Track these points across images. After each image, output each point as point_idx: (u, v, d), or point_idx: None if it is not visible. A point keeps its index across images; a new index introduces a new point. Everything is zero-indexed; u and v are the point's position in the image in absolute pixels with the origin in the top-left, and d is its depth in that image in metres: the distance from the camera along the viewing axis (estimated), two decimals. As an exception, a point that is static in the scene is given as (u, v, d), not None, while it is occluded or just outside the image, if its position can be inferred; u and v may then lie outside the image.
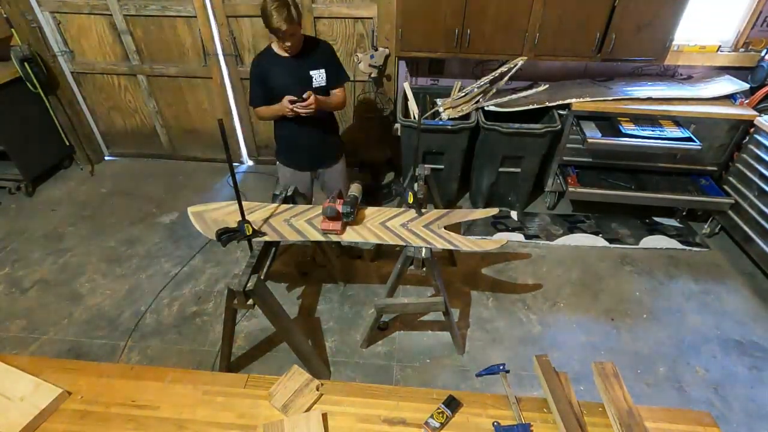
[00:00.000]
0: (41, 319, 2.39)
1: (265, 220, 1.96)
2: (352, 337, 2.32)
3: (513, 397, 1.21)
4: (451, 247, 1.92)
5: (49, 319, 2.39)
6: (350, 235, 1.93)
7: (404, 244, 1.89)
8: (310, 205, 2.12)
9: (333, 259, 2.51)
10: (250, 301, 1.68)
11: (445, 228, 2.00)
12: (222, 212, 2.01)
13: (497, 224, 3.10)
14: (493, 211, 2.20)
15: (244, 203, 1.82)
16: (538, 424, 1.16)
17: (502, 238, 2.05)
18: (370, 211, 2.07)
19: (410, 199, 2.06)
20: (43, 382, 1.23)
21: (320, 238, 1.91)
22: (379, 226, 1.99)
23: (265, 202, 2.11)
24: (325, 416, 1.17)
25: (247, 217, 1.79)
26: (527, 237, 2.98)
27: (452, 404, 1.19)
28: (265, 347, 2.26)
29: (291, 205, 2.10)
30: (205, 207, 2.04)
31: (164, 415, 1.19)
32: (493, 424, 1.15)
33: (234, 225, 1.82)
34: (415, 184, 2.14)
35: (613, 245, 2.92)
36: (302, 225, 1.96)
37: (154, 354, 2.23)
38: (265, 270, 1.90)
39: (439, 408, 1.18)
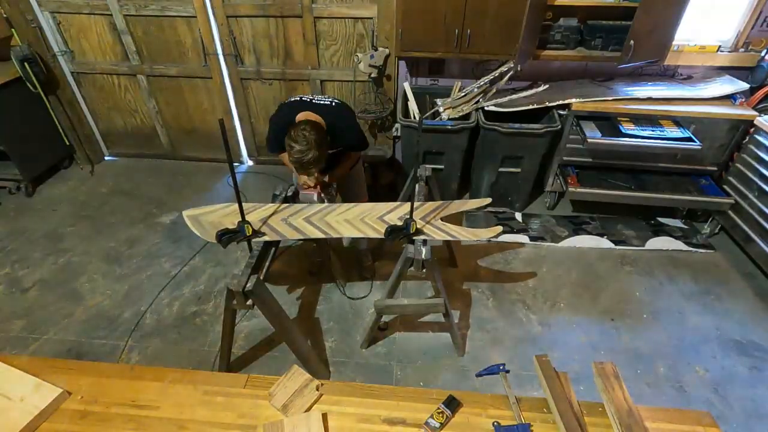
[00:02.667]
0: (41, 319, 2.39)
1: (264, 221, 1.96)
2: (352, 337, 2.32)
3: (513, 397, 1.21)
4: (449, 238, 1.92)
5: (49, 319, 2.39)
6: (349, 231, 1.92)
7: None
8: (307, 204, 2.12)
9: (333, 258, 2.51)
10: (249, 302, 1.68)
11: (442, 220, 2.00)
12: (217, 215, 1.99)
13: (502, 225, 3.09)
14: (486, 200, 2.23)
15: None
16: (538, 424, 1.16)
17: (503, 233, 2.05)
18: (366, 206, 2.07)
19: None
20: (43, 382, 1.23)
21: (320, 235, 1.91)
22: (377, 220, 1.98)
23: (264, 203, 2.11)
24: (325, 416, 1.17)
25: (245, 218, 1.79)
26: (532, 239, 2.97)
27: (452, 404, 1.19)
28: (265, 347, 2.26)
29: (288, 205, 2.10)
30: (201, 210, 2.02)
31: (164, 415, 1.19)
32: (493, 424, 1.15)
33: (231, 227, 1.81)
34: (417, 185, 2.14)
35: (618, 247, 2.90)
36: (300, 223, 1.96)
37: (154, 354, 2.23)
38: (264, 270, 1.90)
39: (438, 408, 1.18)
